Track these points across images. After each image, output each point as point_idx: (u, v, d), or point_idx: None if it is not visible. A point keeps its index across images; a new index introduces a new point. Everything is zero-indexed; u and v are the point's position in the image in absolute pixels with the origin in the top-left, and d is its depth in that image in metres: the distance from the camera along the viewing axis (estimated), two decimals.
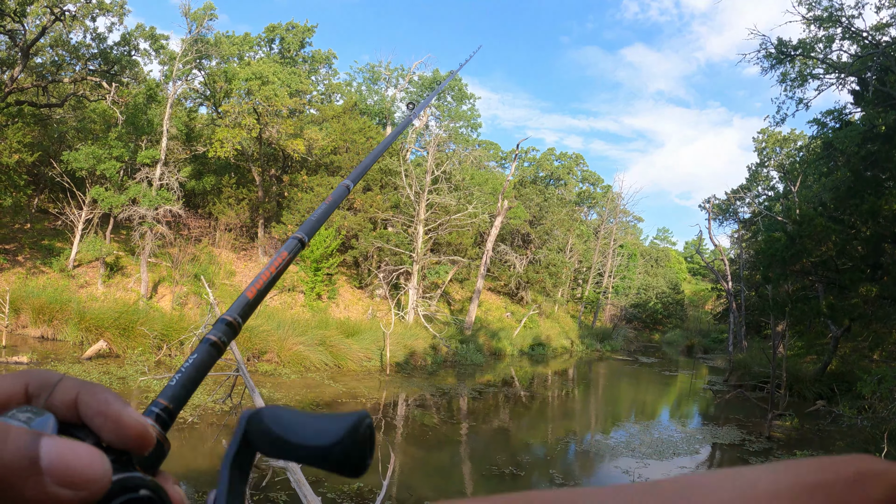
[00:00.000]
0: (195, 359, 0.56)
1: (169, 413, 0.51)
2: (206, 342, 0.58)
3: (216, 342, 0.58)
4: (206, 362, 0.57)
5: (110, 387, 11.44)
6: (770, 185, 48.14)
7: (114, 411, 0.41)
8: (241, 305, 0.62)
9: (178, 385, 0.53)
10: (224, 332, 0.60)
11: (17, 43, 25.07)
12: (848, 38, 25.39)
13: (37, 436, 0.37)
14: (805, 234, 19.45)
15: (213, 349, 0.58)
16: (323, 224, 0.72)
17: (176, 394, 0.52)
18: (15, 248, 24.52)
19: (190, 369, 0.55)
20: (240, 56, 35.14)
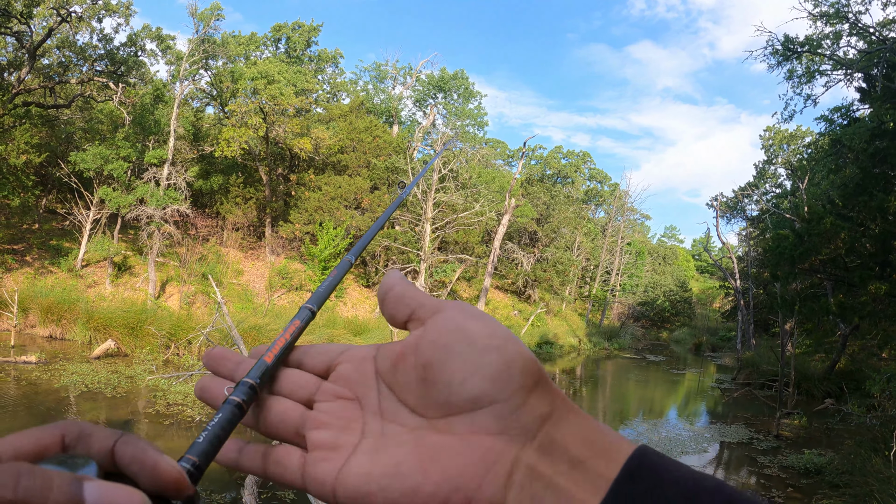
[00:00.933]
0: (220, 418, 0.58)
1: (198, 468, 0.52)
2: (230, 403, 0.60)
3: (240, 403, 0.60)
4: (230, 421, 0.58)
5: (118, 385, 11.52)
6: (777, 182, 48.02)
7: (150, 459, 0.43)
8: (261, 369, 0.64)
9: (206, 442, 0.54)
10: (247, 394, 0.61)
11: (24, 44, 25.16)
12: (855, 34, 25.29)
13: (80, 480, 0.39)
14: (814, 232, 19.36)
15: (237, 410, 0.59)
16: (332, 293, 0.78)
17: (205, 450, 0.54)
18: (23, 248, 24.62)
19: (216, 428, 0.57)
20: (246, 56, 35.20)
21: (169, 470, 0.43)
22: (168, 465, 0.44)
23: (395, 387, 0.54)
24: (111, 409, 12.60)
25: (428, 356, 0.51)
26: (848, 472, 11.85)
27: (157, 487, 0.43)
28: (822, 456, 13.19)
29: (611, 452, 0.45)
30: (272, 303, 26.23)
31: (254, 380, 0.62)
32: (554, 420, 0.48)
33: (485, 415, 0.48)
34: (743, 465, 13.57)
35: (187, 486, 0.45)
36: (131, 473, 0.44)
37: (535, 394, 0.49)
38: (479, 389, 0.48)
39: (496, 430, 0.48)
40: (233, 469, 0.59)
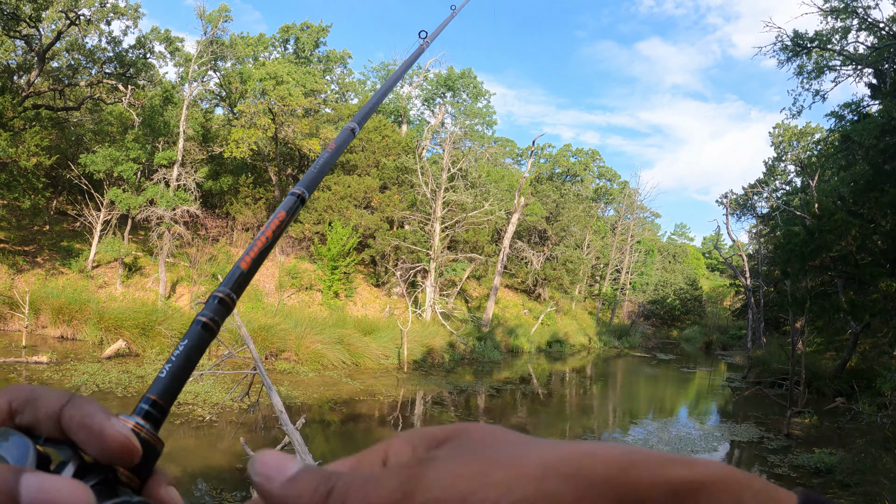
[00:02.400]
0: (185, 345, 0.52)
1: (160, 409, 0.48)
2: (196, 324, 0.53)
3: (207, 323, 0.53)
4: (197, 347, 0.53)
5: (129, 385, 11.56)
6: (787, 179, 47.81)
7: (96, 424, 0.40)
8: (234, 278, 0.57)
9: (168, 377, 0.50)
10: (216, 310, 0.55)
11: (34, 48, 25.32)
12: (864, 29, 25.16)
13: (17, 472, 0.36)
14: (825, 229, 19.27)
15: (204, 332, 0.53)
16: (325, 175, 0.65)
17: (166, 387, 0.49)
18: (34, 249, 24.76)
19: (180, 357, 0.51)
20: (255, 57, 35.30)
21: (115, 436, 0.40)
22: (113, 429, 0.40)
23: None
24: (122, 408, 12.62)
25: None
26: (859, 471, 11.80)
27: (105, 456, 0.40)
28: (833, 455, 13.12)
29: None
30: (282, 303, 26.29)
31: (226, 293, 0.56)
32: None
33: None
34: (753, 464, 13.52)
35: (136, 452, 0.41)
36: (79, 441, 0.41)
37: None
38: None
39: None
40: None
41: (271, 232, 0.60)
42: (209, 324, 0.53)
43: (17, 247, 24.22)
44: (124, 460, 0.41)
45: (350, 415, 14.63)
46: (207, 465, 10.05)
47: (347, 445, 12.16)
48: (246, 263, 0.58)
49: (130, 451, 0.40)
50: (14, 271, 22.67)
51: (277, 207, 0.60)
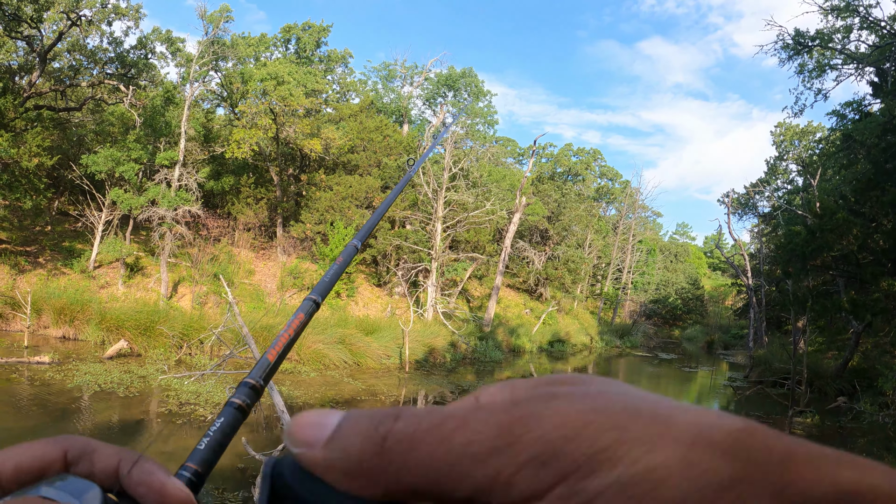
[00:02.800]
0: (221, 422, 0.57)
1: (199, 477, 0.52)
2: (230, 406, 0.59)
3: (241, 406, 0.59)
4: (232, 425, 0.58)
5: (131, 385, 11.58)
6: (789, 178, 47.78)
7: (157, 482, 0.42)
8: (263, 368, 0.63)
9: (207, 449, 0.55)
10: (248, 395, 0.61)
11: (35, 48, 25.35)
12: (866, 27, 25.15)
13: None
14: (826, 228, 19.28)
15: (238, 413, 0.59)
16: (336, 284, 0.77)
17: (205, 458, 0.53)
18: (36, 250, 24.79)
19: (217, 433, 0.56)
20: (256, 57, 35.31)
21: (177, 493, 0.43)
22: (175, 488, 0.43)
23: None
24: (124, 408, 12.69)
25: None
26: None
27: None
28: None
29: None
30: (283, 302, 26.31)
31: (256, 380, 0.63)
32: None
33: None
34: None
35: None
36: (137, 495, 0.42)
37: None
38: None
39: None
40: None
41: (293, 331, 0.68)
42: (242, 406, 0.60)
43: (18, 247, 24.25)
44: None
45: None
46: None
47: None
48: (272, 356, 0.65)
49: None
50: (16, 272, 22.70)
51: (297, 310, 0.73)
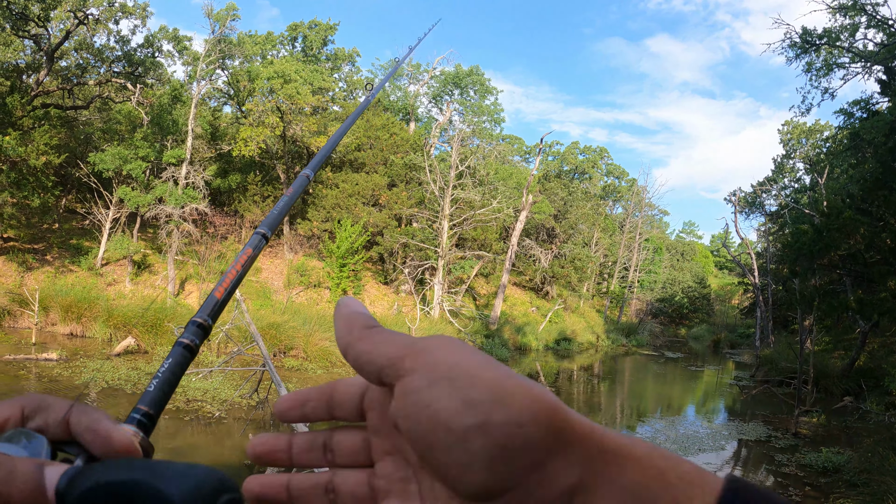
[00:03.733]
0: (170, 363, 0.59)
1: (150, 418, 0.53)
2: (178, 346, 0.60)
3: (189, 345, 0.61)
4: (181, 365, 0.60)
5: (138, 382, 11.61)
6: (796, 177, 47.62)
7: (103, 429, 0.46)
8: (211, 306, 0.65)
9: (157, 390, 0.56)
10: (195, 333, 0.62)
11: (42, 47, 25.44)
12: (873, 26, 25.05)
13: (40, 465, 0.42)
14: (833, 227, 19.20)
15: (186, 352, 0.60)
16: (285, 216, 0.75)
17: (155, 398, 0.55)
18: (44, 247, 24.89)
19: (166, 373, 0.57)
20: (262, 55, 35.36)
21: (120, 438, 0.46)
22: (118, 432, 0.46)
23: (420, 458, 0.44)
24: (131, 404, 12.59)
25: (416, 446, 0.41)
26: (866, 470, 11.76)
27: (110, 454, 0.46)
28: (841, 454, 13.09)
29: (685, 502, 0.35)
30: (290, 300, 26.35)
31: (203, 318, 0.64)
32: (588, 488, 0.37)
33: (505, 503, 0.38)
34: (761, 463, 13.51)
35: (138, 452, 0.47)
36: (85, 442, 0.46)
37: (556, 461, 0.37)
38: (481, 483, 0.38)
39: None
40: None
41: (241, 265, 0.69)
42: (190, 345, 0.61)
43: (26, 245, 24.35)
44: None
45: None
46: (216, 461, 10.10)
47: None
48: (220, 293, 0.66)
49: (132, 450, 0.47)
50: (24, 269, 22.79)
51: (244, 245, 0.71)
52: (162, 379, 0.57)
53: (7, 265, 22.80)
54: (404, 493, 0.46)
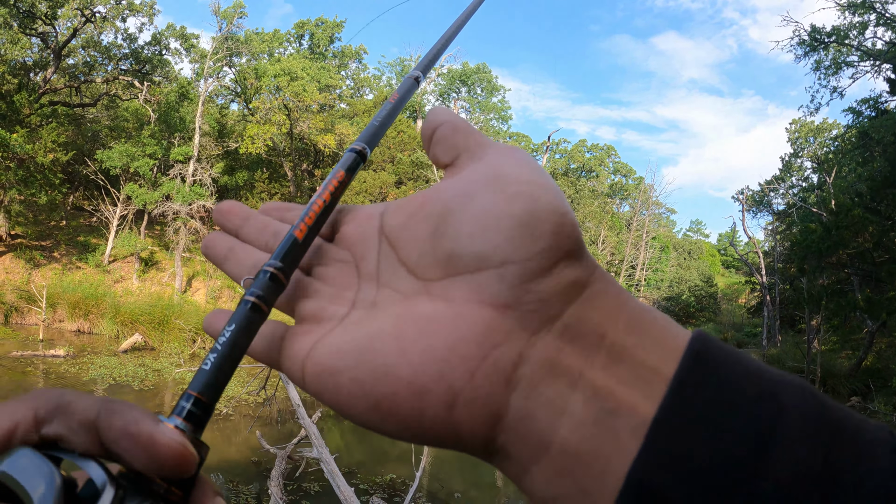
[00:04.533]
0: (232, 331, 0.41)
1: (203, 407, 0.39)
2: (244, 305, 0.42)
3: (256, 303, 0.42)
4: (246, 331, 0.42)
5: (146, 379, 11.61)
6: (804, 176, 47.42)
7: (144, 432, 0.31)
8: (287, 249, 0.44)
9: (213, 369, 0.40)
10: (267, 288, 0.43)
11: (49, 45, 25.48)
12: (882, 24, 24.91)
13: None
14: (841, 225, 19.14)
15: (253, 314, 0.42)
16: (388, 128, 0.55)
17: (210, 381, 0.39)
18: (51, 244, 24.94)
19: (227, 345, 0.40)
20: (269, 53, 35.39)
21: (169, 444, 0.31)
22: (165, 436, 0.31)
23: (399, 243, 0.41)
24: (139, 401, 12.69)
25: (446, 203, 0.38)
26: None
27: (156, 468, 0.31)
28: None
29: (664, 340, 0.33)
30: None
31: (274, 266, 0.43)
32: (588, 295, 0.35)
33: (491, 278, 0.35)
34: None
35: (193, 460, 0.33)
36: (122, 452, 0.31)
37: (565, 263, 0.35)
38: (490, 244, 0.35)
39: (504, 300, 0.34)
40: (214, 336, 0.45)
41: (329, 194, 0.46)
42: (258, 304, 0.42)
43: (34, 242, 24.40)
44: (178, 471, 0.32)
45: None
46: (224, 458, 10.11)
47: (363, 439, 12.20)
48: (301, 232, 0.44)
49: (186, 460, 0.32)
50: (31, 266, 22.85)
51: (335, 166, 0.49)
52: (221, 353, 0.40)
53: (15, 262, 22.86)
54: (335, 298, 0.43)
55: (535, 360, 0.33)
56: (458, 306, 0.35)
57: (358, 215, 0.47)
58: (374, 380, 0.34)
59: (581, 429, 0.31)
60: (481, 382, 0.32)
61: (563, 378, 0.32)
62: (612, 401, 0.31)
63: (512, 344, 0.33)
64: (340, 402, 0.36)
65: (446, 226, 0.37)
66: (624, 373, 0.31)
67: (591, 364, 0.32)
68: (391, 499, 8.68)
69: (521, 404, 0.32)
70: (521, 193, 0.36)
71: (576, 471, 0.30)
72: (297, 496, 8.54)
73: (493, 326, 0.33)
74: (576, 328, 0.33)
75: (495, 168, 0.38)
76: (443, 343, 0.34)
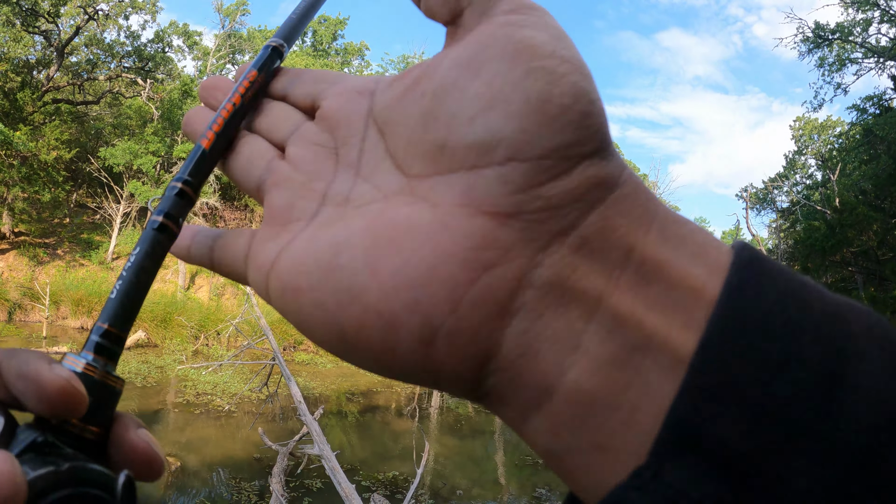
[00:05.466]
0: (138, 254, 0.38)
1: (114, 338, 0.36)
2: (150, 226, 0.39)
3: (164, 223, 0.39)
4: (152, 254, 0.39)
5: (148, 375, 11.62)
6: (808, 173, 47.31)
7: (32, 371, 0.28)
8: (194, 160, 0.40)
9: (120, 297, 0.37)
10: (174, 204, 0.40)
11: (52, 43, 25.49)
12: (886, 21, 24.84)
13: None
14: (846, 223, 19.11)
15: (160, 234, 0.39)
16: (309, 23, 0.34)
17: (118, 310, 0.37)
18: (55, 242, 24.95)
19: (132, 271, 0.37)
20: None
21: (52, 380, 0.28)
22: (51, 374, 0.28)
23: (388, 128, 0.32)
24: (142, 398, 12.75)
25: (446, 77, 0.29)
26: None
27: (45, 407, 0.28)
28: None
29: (705, 253, 0.25)
30: None
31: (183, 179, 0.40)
32: (613, 200, 0.26)
33: (490, 178, 0.26)
34: None
35: (79, 398, 0.29)
36: (18, 394, 0.29)
37: (588, 162, 0.26)
38: (494, 133, 0.26)
39: (504, 207, 0.25)
40: (185, 260, 0.44)
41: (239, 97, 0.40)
42: (165, 223, 0.39)
43: (37, 239, 24.41)
44: (70, 410, 0.29)
45: (367, 405, 14.68)
46: (226, 454, 10.11)
47: (365, 435, 12.20)
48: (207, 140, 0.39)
49: (72, 396, 0.29)
50: (35, 263, 22.86)
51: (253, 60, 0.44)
52: (127, 279, 0.38)
53: (18, 259, 22.88)
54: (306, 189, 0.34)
55: (540, 284, 0.24)
56: (445, 213, 0.26)
57: (345, 88, 0.37)
58: (337, 304, 0.27)
59: (598, 370, 0.23)
60: (467, 313, 0.25)
61: (576, 304, 0.24)
62: (639, 332, 0.23)
63: (511, 264, 0.25)
64: (303, 328, 0.30)
65: (441, 107, 0.28)
66: (656, 295, 0.24)
67: (614, 285, 0.24)
68: (393, 496, 8.67)
69: (518, 339, 0.24)
70: (541, 69, 0.26)
71: (589, 421, 0.23)
72: (299, 493, 8.54)
73: (488, 240, 0.25)
74: (596, 240, 0.25)
75: (510, 31, 0.28)
76: (420, 261, 0.26)
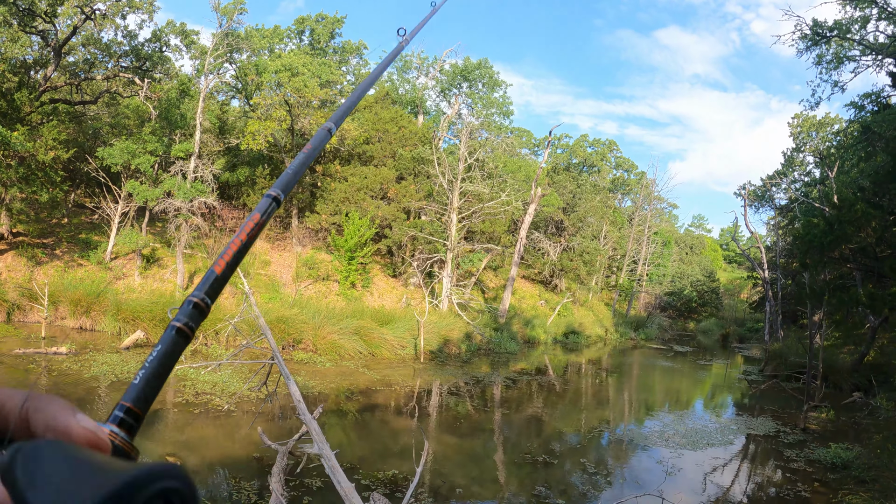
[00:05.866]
0: (159, 351, 0.50)
1: (134, 416, 0.46)
2: (170, 330, 0.50)
3: (182, 328, 0.51)
4: (171, 353, 0.51)
5: None
6: (806, 170, 47.37)
7: (61, 424, 0.37)
8: (209, 282, 0.53)
9: (142, 383, 0.49)
10: (191, 315, 0.52)
11: (50, 43, 25.48)
12: (884, 18, 24.85)
13: None
14: (844, 220, 19.09)
15: (178, 337, 0.51)
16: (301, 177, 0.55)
17: (140, 394, 0.48)
18: (53, 242, 24.97)
19: (154, 363, 0.49)
20: (270, 49, 35.35)
21: (81, 433, 0.37)
22: (80, 427, 0.37)
23: None
24: None
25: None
26: (875, 466, 11.73)
27: None
28: (850, 450, 13.04)
29: None
30: (299, 293, 26.40)
31: (200, 297, 0.53)
32: None
33: None
34: (769, 458, 13.47)
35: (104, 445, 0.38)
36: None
37: None
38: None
39: None
40: None
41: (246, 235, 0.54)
42: (183, 329, 0.51)
43: (35, 239, 24.44)
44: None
45: (366, 404, 14.71)
46: (225, 453, 10.14)
47: (364, 434, 12.23)
48: (220, 267, 0.54)
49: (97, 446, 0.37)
50: (33, 264, 22.88)
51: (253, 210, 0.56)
52: (149, 370, 0.49)
53: (17, 260, 22.89)
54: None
55: None
56: None
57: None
58: None
59: None
60: None
61: None
62: None
63: None
64: None
65: None
66: None
67: None
68: (392, 494, 8.70)
69: None
70: None
71: None
72: (299, 492, 8.57)
73: None
74: None
75: None
76: None
